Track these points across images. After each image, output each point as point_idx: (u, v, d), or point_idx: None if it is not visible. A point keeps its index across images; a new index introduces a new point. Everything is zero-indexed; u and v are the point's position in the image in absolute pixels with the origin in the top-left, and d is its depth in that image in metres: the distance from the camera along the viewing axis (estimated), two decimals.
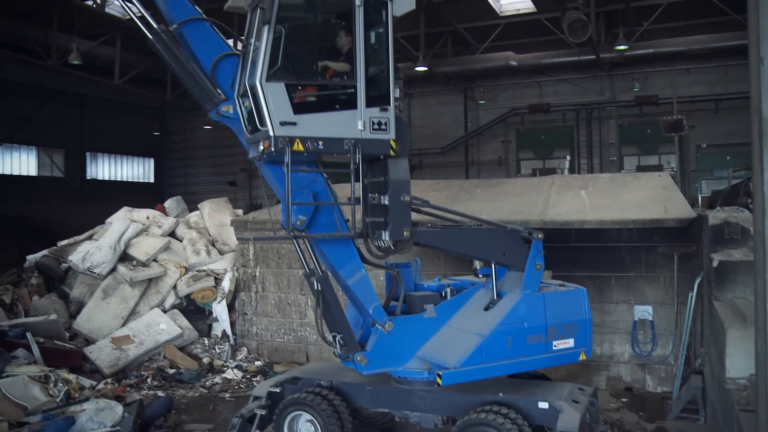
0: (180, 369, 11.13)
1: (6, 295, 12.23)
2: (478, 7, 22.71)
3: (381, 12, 6.52)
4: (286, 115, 6.19)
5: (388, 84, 6.49)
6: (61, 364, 10.34)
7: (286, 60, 6.39)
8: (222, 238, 13.41)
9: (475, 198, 10.75)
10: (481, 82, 27.88)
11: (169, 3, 6.61)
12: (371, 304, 6.92)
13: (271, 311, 11.99)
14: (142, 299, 12.19)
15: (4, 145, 29.04)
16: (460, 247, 7.53)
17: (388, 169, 6.61)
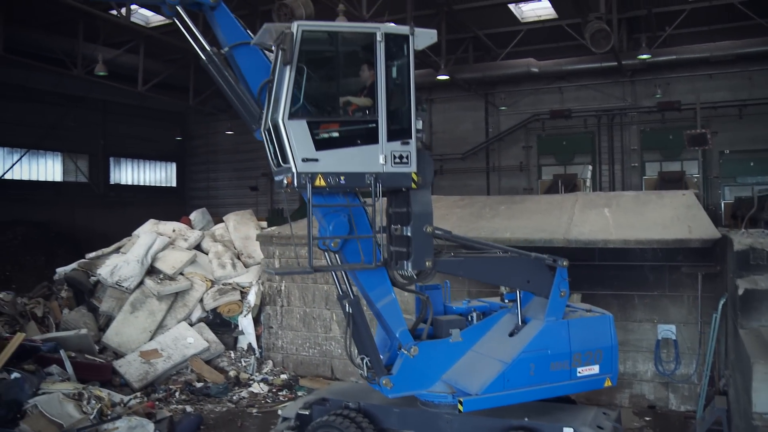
0: (207, 383, 11.32)
1: (38, 308, 12.50)
2: (499, 13, 22.72)
3: (402, 46, 6.63)
4: (308, 152, 6.31)
5: (410, 117, 6.57)
6: (91, 378, 10.61)
7: (308, 97, 6.50)
8: (247, 250, 13.58)
9: (499, 215, 10.83)
10: (502, 88, 27.85)
11: (222, 27, 6.89)
12: (398, 328, 7.05)
13: (297, 325, 12.15)
14: (169, 313, 12.39)
15: (31, 151, 29.45)
16: (483, 276, 7.69)
17: (411, 201, 6.72)
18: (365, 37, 6.67)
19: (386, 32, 6.52)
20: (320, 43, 6.77)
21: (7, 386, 8.66)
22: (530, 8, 23.05)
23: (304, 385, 11.54)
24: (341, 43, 6.83)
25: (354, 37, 6.93)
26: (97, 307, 12.75)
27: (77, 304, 12.97)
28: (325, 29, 6.84)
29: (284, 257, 12.15)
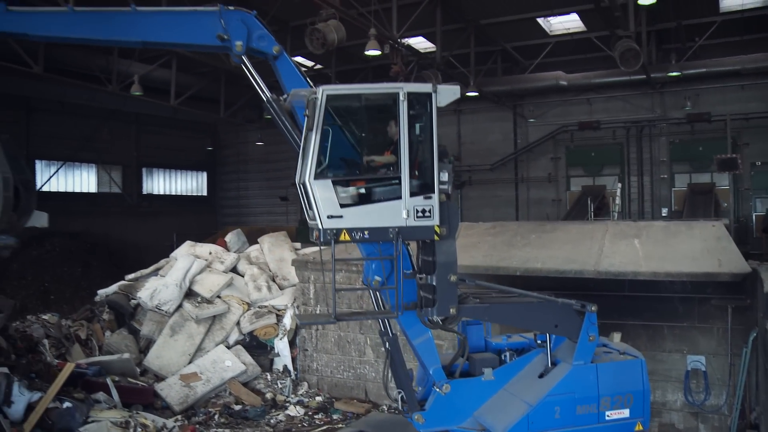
0: (245, 405, 11.66)
1: (81, 330, 12.93)
2: (527, 26, 22.83)
3: (425, 103, 6.75)
4: (334, 210, 6.55)
5: (433, 173, 6.71)
6: (134, 401, 11.02)
7: (333, 157, 6.73)
8: (282, 272, 13.90)
9: (531, 244, 11.03)
10: (530, 99, 28.00)
11: (283, 75, 7.28)
12: (432, 365, 7.27)
13: (331, 348, 12.44)
14: (207, 335, 12.75)
15: (67, 163, 30.12)
16: (510, 321, 7.79)
17: (436, 251, 6.89)
18: (388, 97, 6.82)
19: (409, 91, 6.68)
20: (345, 104, 6.99)
21: (60, 415, 9.09)
22: (559, 21, 23.12)
23: (339, 408, 11.83)
24: (365, 103, 7.02)
25: (377, 97, 7.09)
26: (137, 330, 13.16)
27: (118, 327, 13.39)
28: (350, 92, 7.05)
29: (319, 282, 12.45)
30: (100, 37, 7.75)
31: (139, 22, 7.59)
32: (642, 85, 24.66)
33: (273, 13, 19.99)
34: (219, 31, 7.20)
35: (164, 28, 7.66)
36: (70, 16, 7.71)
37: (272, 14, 20.04)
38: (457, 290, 7.01)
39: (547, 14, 22.00)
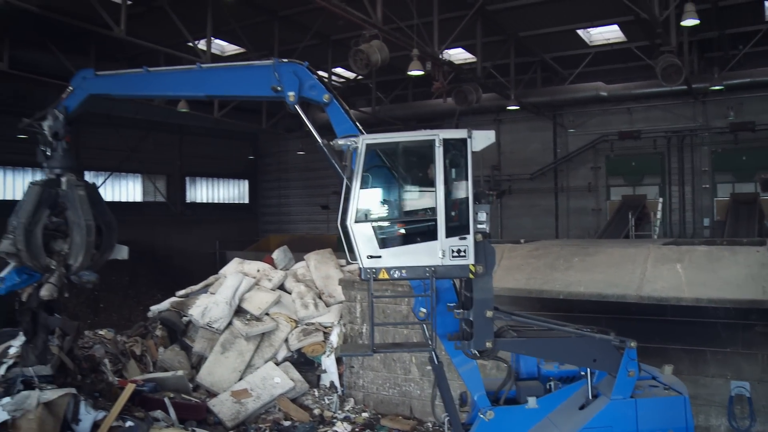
0: (294, 422, 12.01)
1: (136, 346, 13.42)
2: (566, 37, 22.90)
3: (460, 148, 7.12)
4: (373, 250, 7.07)
5: (468, 215, 7.06)
6: (188, 417, 11.41)
7: (373, 201, 7.28)
8: (328, 290, 14.24)
9: (573, 267, 11.21)
10: (570, 109, 28.04)
11: (334, 120, 7.80)
12: (477, 392, 7.58)
13: (377, 366, 12.75)
14: (256, 352, 13.14)
15: (114, 174, 30.94)
16: (547, 355, 7.87)
17: (473, 287, 7.26)
18: (425, 144, 7.21)
19: (444, 138, 7.09)
20: (384, 151, 7.43)
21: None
22: (599, 32, 23.16)
23: (384, 425, 12.13)
24: (403, 150, 7.45)
25: (414, 144, 7.47)
26: (189, 346, 13.61)
27: (171, 343, 13.85)
28: (388, 141, 7.43)
29: (365, 301, 12.76)
30: (172, 93, 8.68)
31: (204, 79, 8.46)
32: (684, 95, 24.48)
33: (316, 28, 20.45)
34: (273, 83, 7.84)
35: (225, 83, 8.46)
36: (145, 77, 8.61)
37: (315, 29, 20.51)
38: (493, 325, 7.33)
39: (587, 26, 22.08)
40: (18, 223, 8.77)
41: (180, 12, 18.33)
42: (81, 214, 8.87)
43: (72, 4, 16.36)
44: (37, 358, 9.31)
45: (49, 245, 9.04)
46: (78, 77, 9.06)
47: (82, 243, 8.86)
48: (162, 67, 9.00)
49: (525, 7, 19.83)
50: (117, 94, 9.21)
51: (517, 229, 28.63)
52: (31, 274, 9.20)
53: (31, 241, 8.83)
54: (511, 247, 12.67)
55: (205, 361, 13.15)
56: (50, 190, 8.98)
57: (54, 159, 9.13)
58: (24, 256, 8.86)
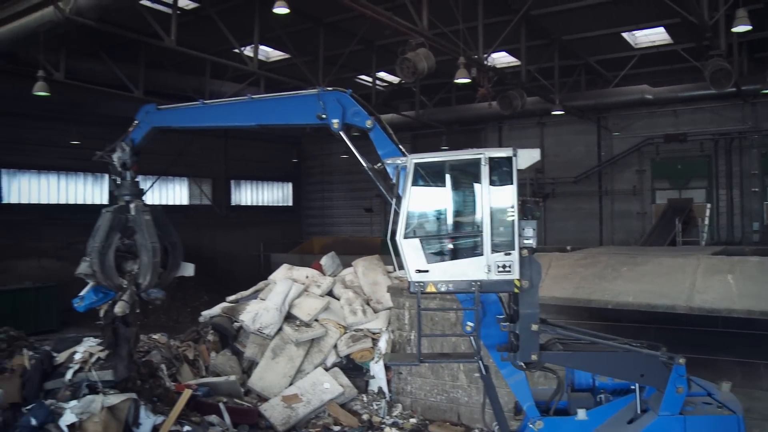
0: (344, 427, 12.23)
1: (189, 351, 13.78)
2: (611, 40, 22.75)
3: (506, 166, 7.34)
4: (421, 264, 7.34)
5: (513, 231, 7.25)
6: (240, 421, 11.71)
7: (421, 218, 7.55)
8: (376, 296, 14.42)
9: (621, 277, 11.23)
10: (614, 111, 27.81)
11: (377, 144, 8.16)
12: (526, 402, 7.77)
13: (425, 372, 12.89)
14: (306, 358, 13.39)
15: (161, 178, 31.58)
16: (593, 368, 7.93)
17: (519, 301, 7.45)
18: (471, 162, 7.44)
19: (490, 156, 7.32)
20: (431, 170, 7.62)
21: None
22: (644, 34, 22.97)
23: (432, 431, 12.30)
24: (449, 168, 7.60)
25: (460, 163, 7.66)
26: (240, 351, 13.93)
27: (222, 348, 14.19)
28: (435, 160, 7.64)
29: (414, 309, 12.89)
30: (225, 123, 9.39)
31: (254, 109, 9.05)
32: (732, 97, 24.15)
33: (361, 34, 20.65)
34: (318, 111, 8.31)
35: (273, 112, 9.05)
36: (202, 109, 9.44)
37: (360, 36, 20.71)
38: (539, 338, 7.49)
39: (632, 29, 21.90)
40: (92, 247, 9.53)
41: (227, 20, 18.70)
42: (147, 237, 9.58)
43: (125, 16, 16.80)
44: (127, 369, 10.03)
45: (121, 266, 9.84)
46: (142, 111, 9.88)
47: (149, 263, 9.56)
48: (216, 100, 9.63)
49: (570, 12, 19.77)
50: (177, 125, 9.86)
51: (560, 233, 28.55)
52: (107, 293, 9.95)
53: (105, 262, 9.58)
54: (558, 256, 12.73)
55: (256, 366, 13.45)
56: (120, 215, 9.74)
57: (123, 187, 9.96)
58: (99, 276, 9.62)
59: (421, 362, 7.93)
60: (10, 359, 11.63)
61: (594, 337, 8.05)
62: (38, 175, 27.61)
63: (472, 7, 17.54)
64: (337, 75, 23.11)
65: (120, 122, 26.35)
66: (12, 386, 9.93)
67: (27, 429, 9.01)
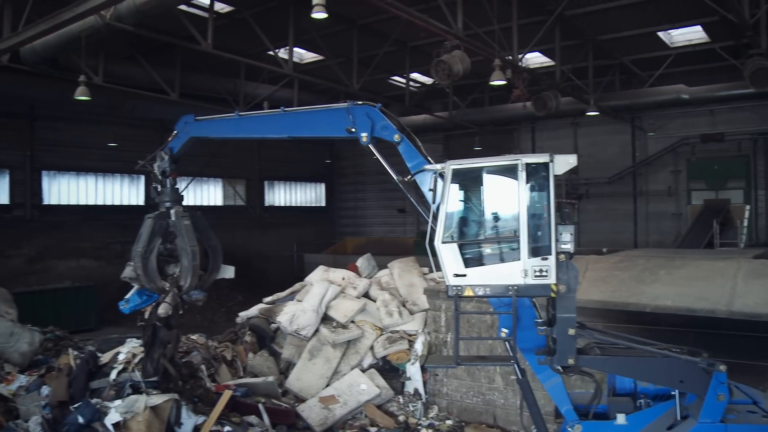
0: (380, 428, 12.31)
1: (227, 351, 13.96)
2: (646, 39, 22.55)
3: (543, 172, 7.42)
4: (459, 269, 7.50)
5: (550, 236, 7.33)
6: (278, 421, 11.83)
7: (460, 223, 7.74)
8: (412, 298, 14.45)
9: (659, 281, 11.19)
10: (649, 111, 27.53)
11: (405, 157, 8.41)
12: (563, 406, 7.86)
13: (461, 374, 12.92)
14: (342, 359, 13.47)
15: (196, 178, 31.95)
16: (630, 374, 7.96)
17: (556, 305, 7.52)
18: (508, 167, 7.54)
19: (527, 162, 7.42)
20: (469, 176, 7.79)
21: None
22: (680, 33, 22.73)
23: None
24: (487, 174, 7.72)
25: (498, 169, 7.75)
26: (277, 352, 14.08)
27: (259, 348, 14.33)
28: (473, 166, 7.77)
29: (450, 311, 12.97)
30: (259, 134, 10.00)
31: (286, 121, 9.39)
32: None
33: (394, 36, 20.73)
34: (348, 125, 8.61)
35: (305, 125, 9.32)
36: (237, 121, 9.79)
37: (393, 37, 20.80)
38: (576, 342, 7.55)
39: (668, 28, 21.70)
40: (136, 252, 9.96)
41: (261, 23, 18.90)
42: (187, 242, 9.99)
43: (162, 20, 17.05)
44: (154, 371, 10.25)
45: (164, 269, 10.29)
46: (181, 122, 10.32)
47: (189, 266, 9.98)
48: (250, 112, 10.12)
49: (605, 11, 19.66)
50: (214, 136, 10.32)
51: (594, 234, 28.36)
52: (150, 295, 10.47)
53: (148, 266, 10.04)
54: (595, 259, 12.70)
55: (293, 367, 13.58)
56: (161, 221, 10.16)
57: (164, 194, 10.38)
58: (143, 279, 10.10)
59: (458, 365, 8.14)
60: (57, 358, 11.96)
61: (632, 342, 8.05)
62: (77, 176, 28.11)
63: (506, 8, 17.52)
64: (370, 76, 23.24)
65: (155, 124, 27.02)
66: (60, 385, 10.22)
67: (75, 427, 9.27)
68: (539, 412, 8.39)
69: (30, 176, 26.27)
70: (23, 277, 24.81)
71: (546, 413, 8.89)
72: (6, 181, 25.79)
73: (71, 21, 10.70)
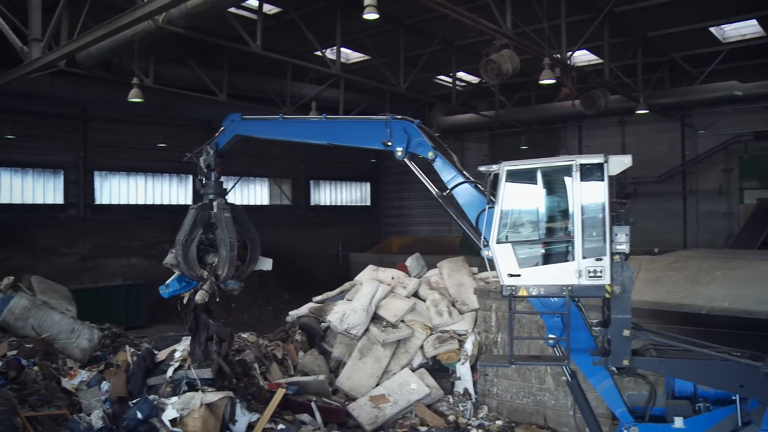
0: (431, 427, 12.34)
1: (277, 350, 14.12)
2: (697, 35, 22.10)
3: (598, 172, 7.38)
4: (513, 269, 7.55)
5: (605, 237, 7.27)
6: (329, 420, 11.95)
7: (514, 224, 7.74)
8: (461, 297, 14.44)
9: (715, 281, 10.99)
10: (700, 109, 26.96)
11: (440, 172, 8.57)
12: (617, 409, 7.86)
13: (512, 374, 12.88)
14: (392, 359, 13.53)
15: (242, 178, 32.32)
16: (688, 376, 7.86)
17: (611, 306, 7.47)
18: (563, 168, 7.52)
19: (581, 163, 7.40)
20: (523, 176, 7.78)
21: None
22: (733, 28, 22.24)
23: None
24: (541, 175, 7.69)
25: (552, 169, 7.73)
26: (327, 351, 14.20)
27: (310, 347, 14.48)
28: (527, 167, 7.77)
29: (500, 311, 12.95)
30: (300, 138, 10.37)
31: (326, 129, 9.74)
32: None
33: (441, 35, 20.70)
34: (384, 138, 8.79)
35: (343, 134, 9.65)
36: (281, 123, 10.15)
37: (440, 36, 20.77)
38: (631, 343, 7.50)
39: (721, 22, 21.26)
40: (178, 240, 10.40)
41: (309, 23, 19.03)
42: (226, 233, 10.33)
43: (211, 22, 17.27)
44: (203, 354, 10.59)
45: (203, 258, 10.63)
46: (228, 119, 10.68)
47: (227, 257, 10.29)
48: (293, 116, 10.68)
49: (654, 7, 19.31)
50: (257, 136, 10.67)
51: (642, 234, 27.81)
52: (189, 282, 10.77)
53: (188, 254, 10.42)
54: (648, 259, 12.55)
55: (343, 366, 13.69)
56: (204, 212, 10.56)
57: (208, 186, 10.85)
58: (182, 266, 10.46)
59: (512, 364, 8.12)
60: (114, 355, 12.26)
61: (689, 344, 7.95)
62: (127, 176, 28.69)
63: (555, 6, 17.36)
64: (417, 75, 23.24)
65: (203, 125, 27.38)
66: (119, 381, 10.49)
67: (134, 422, 9.49)
68: (592, 413, 8.37)
69: (83, 176, 26.95)
70: (76, 275, 25.47)
71: (599, 415, 8.79)
72: (60, 181, 26.49)
73: (127, 26, 10.92)
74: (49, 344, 12.16)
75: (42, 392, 10.50)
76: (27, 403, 10.06)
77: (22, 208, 25.55)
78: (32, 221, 25.57)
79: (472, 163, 35.05)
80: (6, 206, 25.08)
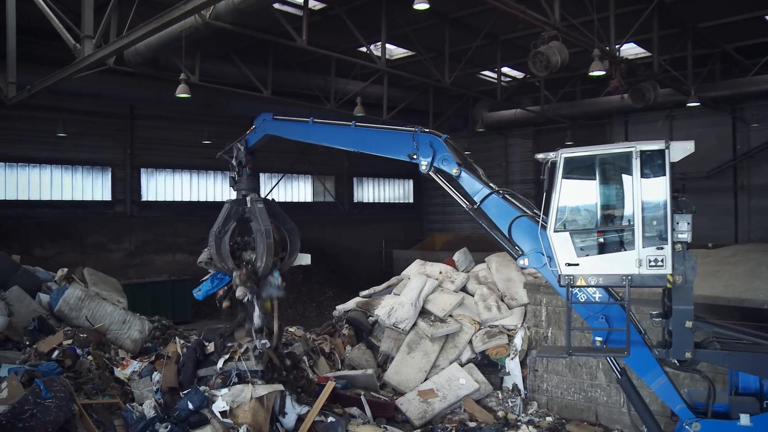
0: (480, 423, 12.18)
1: (325, 344, 14.10)
2: (751, 25, 21.51)
3: (658, 159, 7.18)
4: (571, 258, 7.42)
5: (666, 225, 7.08)
6: (378, 414, 11.90)
7: (572, 211, 7.60)
8: (510, 292, 14.25)
9: None
10: (751, 102, 26.28)
11: (466, 187, 8.51)
12: (676, 405, 7.66)
13: (562, 370, 12.67)
14: (441, 353, 13.41)
15: (286, 175, 32.46)
16: (754, 370, 7.58)
17: (673, 297, 7.28)
18: (622, 155, 7.37)
19: (641, 149, 7.21)
20: (582, 164, 7.64)
21: (326, 429, 10.16)
22: None
23: (570, 431, 12.06)
24: (600, 162, 7.54)
25: (611, 156, 7.60)
26: (375, 345, 14.14)
27: (357, 341, 14.45)
28: (586, 154, 7.63)
29: (551, 305, 12.75)
30: (329, 143, 10.28)
31: (353, 136, 9.93)
32: None
33: (486, 29, 20.49)
34: (410, 151, 8.93)
35: (370, 143, 9.80)
36: (310, 126, 10.24)
37: (485, 30, 20.56)
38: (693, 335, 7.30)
39: None
40: (211, 233, 10.67)
41: (353, 18, 18.99)
42: (261, 222, 10.52)
43: (256, 18, 17.33)
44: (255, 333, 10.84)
45: (241, 256, 10.89)
46: (260, 118, 10.93)
47: (264, 246, 10.43)
48: (324, 121, 10.38)
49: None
50: (286, 137, 10.80)
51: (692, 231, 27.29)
52: (222, 278, 11.01)
53: (221, 246, 10.68)
54: (704, 253, 12.24)
55: (391, 360, 13.61)
56: (237, 207, 10.83)
57: (240, 182, 11.16)
58: (215, 259, 10.71)
59: (569, 355, 7.98)
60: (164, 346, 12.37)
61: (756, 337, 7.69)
62: (173, 173, 29.01)
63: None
64: (462, 71, 23.06)
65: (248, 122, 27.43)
66: (170, 372, 10.56)
67: (185, 412, 9.53)
68: (647, 410, 8.16)
69: (130, 173, 27.33)
70: (124, 271, 25.79)
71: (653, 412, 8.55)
72: (108, 178, 26.90)
73: (175, 21, 11.00)
74: (102, 334, 12.39)
75: (96, 381, 10.72)
76: (82, 391, 10.25)
77: (71, 205, 26.05)
78: (81, 218, 26.07)
79: (516, 160, 34.81)
80: (57, 203, 25.60)
